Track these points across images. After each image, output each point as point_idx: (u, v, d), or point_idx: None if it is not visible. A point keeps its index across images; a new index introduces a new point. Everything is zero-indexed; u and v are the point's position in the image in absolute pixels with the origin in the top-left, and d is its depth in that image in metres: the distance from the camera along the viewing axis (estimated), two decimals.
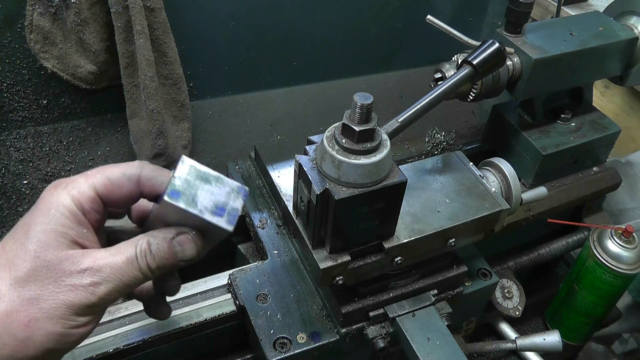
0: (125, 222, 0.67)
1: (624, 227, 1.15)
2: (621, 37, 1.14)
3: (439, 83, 0.92)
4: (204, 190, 0.56)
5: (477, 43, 0.92)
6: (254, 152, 1.12)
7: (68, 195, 0.54)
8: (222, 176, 0.58)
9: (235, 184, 0.58)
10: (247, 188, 0.58)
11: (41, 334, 0.50)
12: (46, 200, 0.54)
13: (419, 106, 0.82)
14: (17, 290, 0.49)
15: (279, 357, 0.84)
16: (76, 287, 0.51)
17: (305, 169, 0.72)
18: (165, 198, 0.54)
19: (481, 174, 0.93)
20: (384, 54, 1.66)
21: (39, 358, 0.51)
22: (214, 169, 0.58)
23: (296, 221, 0.81)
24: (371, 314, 0.89)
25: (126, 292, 0.56)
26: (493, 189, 0.91)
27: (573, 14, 1.47)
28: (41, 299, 0.50)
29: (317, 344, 0.86)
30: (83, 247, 0.54)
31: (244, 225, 1.08)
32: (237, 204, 0.56)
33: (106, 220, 0.63)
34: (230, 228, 0.55)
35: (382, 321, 0.91)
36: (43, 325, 0.50)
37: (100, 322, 0.86)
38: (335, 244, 0.75)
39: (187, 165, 0.57)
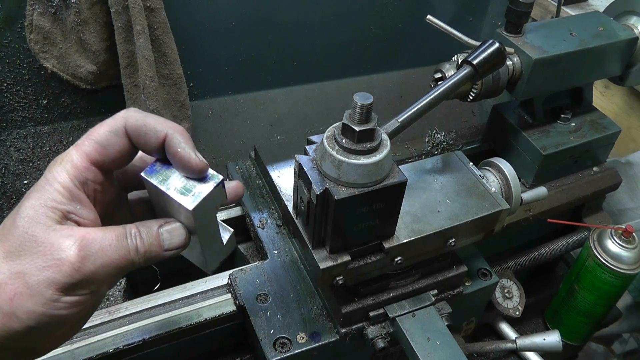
0: None
1: (624, 227, 1.15)
2: (621, 37, 1.14)
3: (439, 83, 0.92)
4: (179, 174, 0.59)
5: (477, 43, 0.92)
6: (254, 152, 1.12)
7: (63, 169, 0.53)
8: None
9: (211, 172, 0.60)
10: (221, 177, 0.60)
11: (23, 310, 0.49)
12: (43, 177, 0.53)
13: (419, 106, 0.82)
14: (8, 263, 0.49)
15: (279, 357, 0.83)
16: (62, 262, 0.49)
17: (305, 169, 0.72)
18: (142, 173, 0.58)
19: (481, 174, 0.93)
20: (384, 54, 1.66)
21: (24, 333, 0.50)
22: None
23: (296, 221, 0.80)
24: (371, 314, 0.89)
25: (115, 275, 0.54)
26: (493, 189, 0.91)
27: (573, 14, 1.48)
28: (27, 274, 0.49)
29: (317, 344, 0.86)
30: (77, 224, 0.53)
31: (244, 225, 1.08)
32: (205, 188, 0.58)
33: (122, 193, 0.63)
34: (189, 207, 0.57)
35: (382, 321, 0.91)
36: (25, 302, 0.49)
37: (100, 322, 0.87)
38: (335, 244, 0.75)
39: None
